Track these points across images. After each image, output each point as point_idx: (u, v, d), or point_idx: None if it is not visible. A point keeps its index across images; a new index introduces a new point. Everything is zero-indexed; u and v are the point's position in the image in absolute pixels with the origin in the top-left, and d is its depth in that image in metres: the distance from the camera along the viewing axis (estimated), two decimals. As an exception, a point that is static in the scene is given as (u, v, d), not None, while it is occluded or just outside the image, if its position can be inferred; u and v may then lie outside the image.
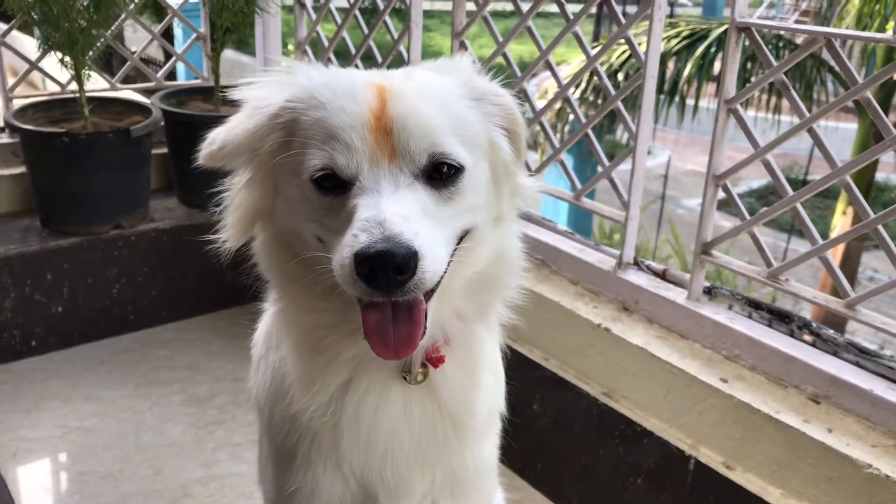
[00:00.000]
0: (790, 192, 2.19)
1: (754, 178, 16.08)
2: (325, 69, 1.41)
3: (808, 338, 2.26)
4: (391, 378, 1.43)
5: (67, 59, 3.23)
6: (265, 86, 1.39)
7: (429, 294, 1.27)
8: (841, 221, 10.55)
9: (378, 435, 1.45)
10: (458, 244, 1.33)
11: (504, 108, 1.43)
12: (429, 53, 2.62)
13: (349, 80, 1.34)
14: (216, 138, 1.38)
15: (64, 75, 3.51)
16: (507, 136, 1.43)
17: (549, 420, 2.68)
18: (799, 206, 2.18)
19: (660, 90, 10.85)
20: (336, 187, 1.26)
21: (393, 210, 1.19)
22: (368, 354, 1.37)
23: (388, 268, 1.14)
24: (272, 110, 1.33)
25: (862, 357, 2.14)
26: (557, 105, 2.80)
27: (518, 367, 2.71)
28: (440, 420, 1.48)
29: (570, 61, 10.36)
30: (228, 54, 3.93)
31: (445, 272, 1.28)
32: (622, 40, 2.54)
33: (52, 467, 2.84)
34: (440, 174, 1.29)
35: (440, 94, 1.35)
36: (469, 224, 1.34)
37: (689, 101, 10.90)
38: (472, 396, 1.51)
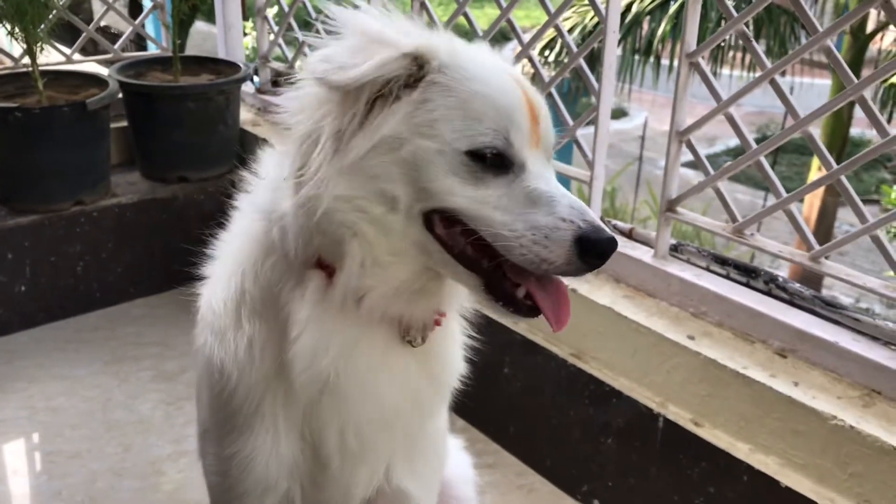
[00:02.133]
0: (753, 145, 2.17)
1: (732, 137, 16.09)
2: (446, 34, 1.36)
3: (767, 291, 2.25)
4: (392, 341, 1.42)
5: (18, 31, 3.14)
6: (383, 21, 1.31)
7: None
8: (817, 177, 10.60)
9: (367, 397, 1.42)
10: None
11: None
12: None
13: (491, 55, 1.40)
14: (332, 57, 1.25)
15: (17, 49, 3.41)
16: None
17: (520, 384, 2.67)
18: (762, 159, 2.16)
19: (634, 50, 10.80)
20: (496, 165, 1.28)
21: (575, 199, 1.29)
22: (387, 317, 1.37)
23: (610, 252, 1.27)
24: (406, 50, 1.26)
25: (827, 310, 2.13)
26: (531, 70, 2.74)
27: (488, 331, 2.68)
28: (426, 381, 1.49)
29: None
30: (200, 26, 3.87)
31: None
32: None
33: (20, 448, 2.80)
34: None
35: None
36: None
37: (665, 62, 10.85)
38: (454, 355, 1.55)
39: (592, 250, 1.25)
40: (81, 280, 3.44)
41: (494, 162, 1.28)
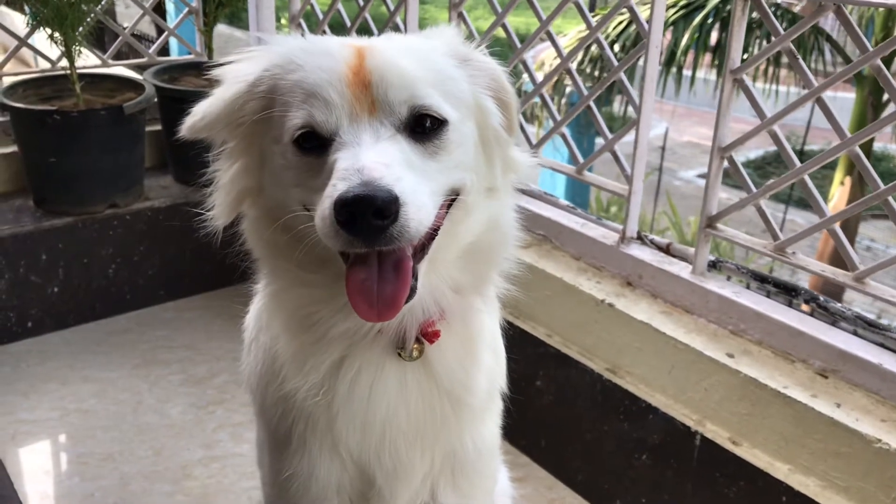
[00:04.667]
0: (797, 163, 2.15)
1: (751, 149, 16.00)
2: (303, 37, 1.41)
3: (807, 309, 2.23)
4: (385, 355, 1.40)
5: (57, 34, 3.17)
6: (244, 60, 1.38)
7: (419, 255, 1.26)
8: (839, 191, 10.52)
9: (374, 414, 1.42)
10: (448, 208, 1.31)
11: (490, 72, 1.40)
12: (424, 27, 2.55)
13: (326, 41, 1.36)
14: (198, 110, 1.37)
15: (55, 52, 3.44)
16: (496, 103, 1.40)
17: (553, 397, 2.66)
18: (807, 177, 2.14)
19: (656, 61, 10.77)
20: (317, 147, 1.24)
21: (373, 158, 1.17)
22: (361, 330, 1.35)
23: (368, 212, 1.11)
24: (250, 79, 1.33)
25: (871, 330, 2.11)
26: (554, 77, 2.77)
27: (521, 344, 2.69)
28: (438, 398, 1.45)
29: (567, 32, 10.26)
30: (222, 29, 3.86)
31: (437, 236, 1.27)
32: (623, 10, 2.49)
33: (51, 450, 2.82)
34: (423, 128, 1.26)
35: (421, 50, 1.34)
36: (457, 182, 1.31)
37: (686, 72, 10.81)
38: (471, 372, 1.48)
39: (341, 213, 1.12)
40: (113, 282, 3.46)
41: (312, 144, 1.24)
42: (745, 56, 2.22)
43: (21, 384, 3.07)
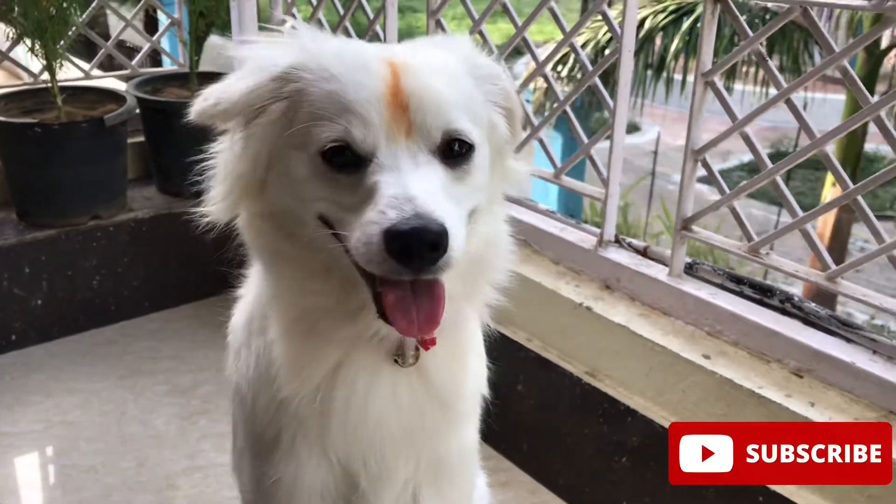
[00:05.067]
0: (769, 164, 2.17)
1: (746, 152, 16.02)
2: (332, 37, 1.38)
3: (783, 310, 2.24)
4: (382, 361, 1.41)
5: (38, 47, 3.18)
6: (270, 46, 1.33)
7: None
8: (831, 192, 10.55)
9: (367, 420, 1.43)
10: None
11: (504, 88, 1.39)
12: (412, 35, 2.56)
13: (361, 53, 1.31)
14: (211, 94, 1.31)
15: (38, 65, 3.46)
16: (504, 116, 1.39)
17: (534, 401, 2.67)
18: (778, 178, 2.16)
19: (647, 66, 10.81)
20: (349, 164, 1.22)
21: (421, 187, 1.17)
22: (361, 337, 1.35)
23: (424, 245, 1.12)
24: (276, 72, 1.28)
25: (844, 330, 2.12)
26: (530, 82, 2.79)
27: (502, 349, 2.66)
28: (429, 403, 1.46)
29: (557, 38, 10.30)
30: (215, 40, 3.87)
31: None
32: (598, 16, 2.50)
33: (35, 462, 2.82)
34: (452, 152, 1.26)
35: (449, 70, 1.32)
36: (476, 203, 1.31)
37: (677, 77, 10.85)
38: (461, 379, 1.49)
39: (393, 244, 1.12)
40: (97, 294, 3.46)
41: (345, 160, 1.22)
42: (716, 59, 2.24)
43: (5, 397, 3.07)
